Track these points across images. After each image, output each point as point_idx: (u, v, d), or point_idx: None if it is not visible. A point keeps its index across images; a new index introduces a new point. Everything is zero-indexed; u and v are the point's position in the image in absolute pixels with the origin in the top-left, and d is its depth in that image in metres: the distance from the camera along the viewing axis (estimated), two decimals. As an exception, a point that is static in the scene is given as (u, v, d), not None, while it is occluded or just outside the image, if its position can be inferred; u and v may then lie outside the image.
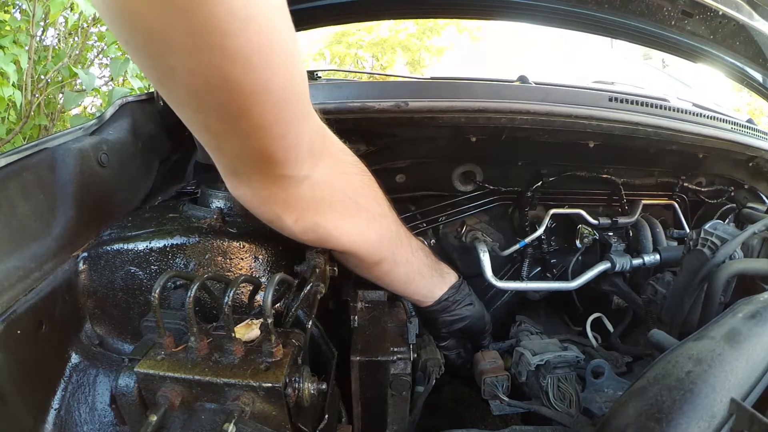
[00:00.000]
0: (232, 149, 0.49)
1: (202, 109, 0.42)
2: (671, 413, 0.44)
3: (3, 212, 0.59)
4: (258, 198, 0.54)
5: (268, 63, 0.38)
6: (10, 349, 0.52)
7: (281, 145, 0.47)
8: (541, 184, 1.04)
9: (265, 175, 0.51)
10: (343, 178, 0.59)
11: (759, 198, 1.26)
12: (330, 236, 0.60)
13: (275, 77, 0.40)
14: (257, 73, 0.38)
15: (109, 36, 2.79)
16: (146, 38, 0.35)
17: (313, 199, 0.56)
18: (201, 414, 0.48)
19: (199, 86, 0.38)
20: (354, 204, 0.60)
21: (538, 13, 1.09)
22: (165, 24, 0.33)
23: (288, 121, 0.45)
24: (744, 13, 0.96)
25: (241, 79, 0.38)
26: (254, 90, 0.39)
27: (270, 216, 0.58)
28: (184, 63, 0.36)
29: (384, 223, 0.65)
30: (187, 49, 0.35)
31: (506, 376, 0.79)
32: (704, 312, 0.76)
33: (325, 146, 0.56)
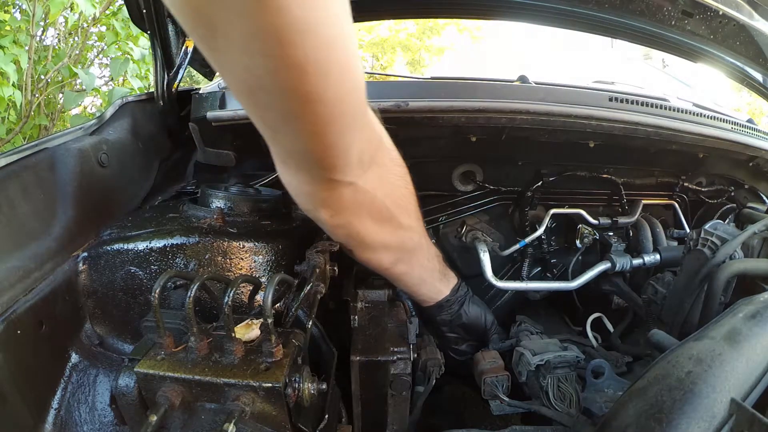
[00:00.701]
0: (284, 143, 0.50)
1: (258, 105, 0.43)
2: (671, 413, 0.44)
3: (3, 212, 0.59)
4: (301, 190, 0.56)
5: (324, 74, 0.38)
6: (10, 349, 0.52)
7: (331, 152, 0.48)
8: (542, 183, 1.04)
9: (312, 174, 0.52)
10: (386, 189, 0.60)
11: (759, 198, 1.26)
12: (357, 235, 0.62)
13: (330, 88, 0.40)
14: (312, 82, 0.38)
15: (109, 36, 2.79)
16: (208, 32, 0.36)
17: (353, 203, 0.57)
18: (201, 414, 0.48)
19: (254, 85, 0.39)
20: (388, 213, 0.62)
21: (538, 13, 1.09)
22: (226, 23, 0.34)
23: (339, 130, 0.45)
24: (744, 13, 0.96)
25: (295, 86, 0.38)
26: (308, 98, 0.39)
27: (308, 207, 0.59)
28: (242, 61, 0.37)
29: (408, 234, 0.68)
30: (246, 51, 0.36)
31: (506, 376, 0.79)
32: (704, 312, 0.76)
33: (377, 155, 0.57)
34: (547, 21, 1.13)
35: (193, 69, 1.04)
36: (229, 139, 0.95)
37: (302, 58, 0.36)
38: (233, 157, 0.96)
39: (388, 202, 0.61)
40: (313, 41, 0.35)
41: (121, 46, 2.81)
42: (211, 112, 0.87)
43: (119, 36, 2.77)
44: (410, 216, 0.67)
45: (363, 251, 0.67)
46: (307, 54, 0.36)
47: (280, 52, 0.35)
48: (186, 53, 0.92)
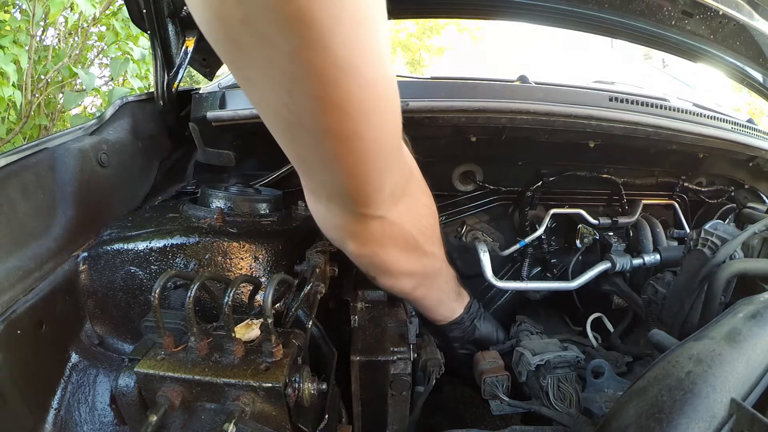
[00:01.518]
0: (318, 178, 0.49)
1: (293, 140, 0.43)
2: (672, 413, 0.44)
3: (3, 212, 0.59)
4: (330, 222, 0.56)
5: (364, 113, 0.38)
6: (10, 349, 0.52)
7: (366, 189, 0.48)
8: (542, 183, 1.04)
9: (344, 208, 0.52)
10: (414, 220, 0.60)
11: (759, 198, 1.25)
12: (382, 264, 0.62)
13: (370, 127, 0.40)
14: (352, 122, 0.38)
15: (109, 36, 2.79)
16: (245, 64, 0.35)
17: (381, 235, 0.57)
18: (201, 414, 0.48)
19: (292, 121, 0.39)
20: (414, 242, 0.62)
21: (538, 13, 1.09)
22: (266, 59, 0.33)
23: (376, 168, 0.45)
24: (744, 13, 0.96)
25: (335, 125, 0.38)
26: (347, 137, 0.39)
27: (335, 237, 0.59)
28: (281, 98, 0.36)
29: (431, 260, 0.69)
30: (286, 88, 0.35)
31: (506, 376, 0.79)
32: (704, 312, 0.76)
33: (408, 188, 0.57)
34: (547, 21, 1.13)
35: (193, 69, 1.04)
36: (229, 139, 0.95)
37: (344, 97, 0.35)
38: (233, 157, 0.96)
39: (414, 231, 0.61)
40: (355, 81, 0.35)
41: (121, 46, 2.81)
42: (211, 112, 0.87)
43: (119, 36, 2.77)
44: (434, 243, 0.68)
45: (386, 278, 0.67)
46: (349, 94, 0.35)
47: (322, 91, 0.34)
48: (186, 53, 0.92)
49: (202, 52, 1.01)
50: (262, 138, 0.95)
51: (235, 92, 0.90)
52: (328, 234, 0.59)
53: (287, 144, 0.44)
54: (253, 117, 0.83)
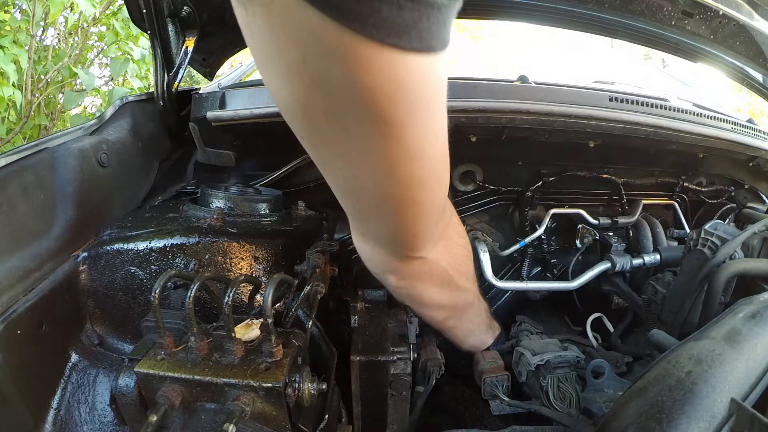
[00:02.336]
0: (370, 226, 0.55)
1: (356, 200, 0.48)
2: (672, 413, 0.44)
3: (3, 212, 0.59)
4: (374, 259, 0.61)
5: (423, 185, 0.43)
6: (10, 349, 0.52)
7: (412, 238, 0.54)
8: (542, 184, 1.04)
9: (389, 250, 0.57)
10: (450, 259, 0.66)
11: (759, 198, 1.25)
12: (418, 296, 0.67)
13: (425, 193, 0.45)
14: (412, 191, 0.43)
15: (109, 36, 2.79)
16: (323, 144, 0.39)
17: (420, 272, 0.63)
18: (201, 414, 0.48)
19: (356, 187, 0.44)
20: (448, 278, 0.67)
21: (538, 13, 1.09)
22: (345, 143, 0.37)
23: (424, 224, 0.51)
24: (744, 13, 0.96)
25: (397, 193, 0.43)
26: (404, 202, 0.44)
27: (377, 272, 0.64)
28: (351, 170, 0.41)
29: (463, 294, 0.73)
30: (358, 166, 0.39)
31: (506, 376, 0.78)
32: (704, 312, 0.76)
33: (446, 232, 0.63)
34: (547, 21, 1.13)
35: (193, 69, 1.04)
36: (229, 139, 0.95)
37: (408, 174, 0.40)
38: (233, 157, 0.96)
39: (449, 269, 0.66)
40: (420, 162, 0.39)
41: (121, 46, 2.81)
42: (211, 112, 0.87)
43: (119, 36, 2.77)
44: (467, 279, 0.73)
45: (420, 308, 0.71)
46: (413, 171, 0.40)
47: (391, 170, 0.39)
48: (186, 53, 0.92)
49: (202, 52, 1.01)
50: (262, 138, 0.96)
51: (235, 92, 0.90)
52: (370, 267, 0.64)
53: (346, 200, 0.49)
54: (253, 117, 0.83)
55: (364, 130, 0.35)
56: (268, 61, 0.35)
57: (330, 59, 0.30)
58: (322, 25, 0.28)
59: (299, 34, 0.30)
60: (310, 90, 0.33)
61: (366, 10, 0.27)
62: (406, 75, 0.32)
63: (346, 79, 0.31)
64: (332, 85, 0.32)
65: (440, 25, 0.30)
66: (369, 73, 0.30)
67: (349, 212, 0.52)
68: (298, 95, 0.35)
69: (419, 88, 0.34)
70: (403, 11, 0.27)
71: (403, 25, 0.28)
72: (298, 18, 0.28)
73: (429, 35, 0.30)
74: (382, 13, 0.27)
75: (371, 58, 0.29)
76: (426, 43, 0.30)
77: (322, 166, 0.43)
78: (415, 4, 0.27)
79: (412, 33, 0.29)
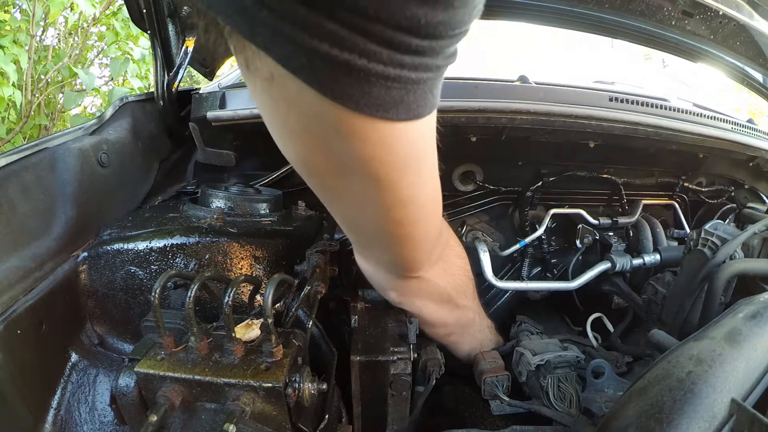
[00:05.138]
0: (371, 251, 0.60)
1: (357, 231, 0.54)
2: (672, 413, 0.44)
3: (3, 212, 0.59)
4: (375, 277, 0.66)
5: (416, 222, 0.48)
6: (10, 349, 0.52)
7: (409, 264, 0.59)
8: (542, 184, 1.04)
9: (389, 271, 0.63)
10: (449, 279, 0.70)
11: (759, 198, 1.25)
12: (418, 312, 0.71)
13: (418, 229, 0.50)
14: (406, 228, 0.48)
15: (109, 36, 2.79)
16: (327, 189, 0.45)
17: (419, 290, 0.67)
18: (201, 414, 0.48)
19: (360, 222, 0.50)
20: (447, 296, 0.71)
21: (538, 13, 1.09)
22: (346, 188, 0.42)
23: (419, 252, 0.57)
24: (744, 13, 0.96)
25: (393, 230, 0.48)
26: (400, 236, 0.50)
27: (378, 287, 0.69)
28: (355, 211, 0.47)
29: (464, 311, 0.77)
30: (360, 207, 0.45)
31: (506, 375, 0.78)
32: (704, 312, 0.75)
33: (444, 253, 0.67)
34: (547, 21, 1.13)
35: (193, 69, 1.04)
36: (229, 139, 0.95)
37: (402, 216, 0.45)
38: (233, 157, 0.96)
39: (448, 288, 0.70)
40: (412, 206, 0.45)
41: (121, 46, 2.81)
42: (211, 112, 0.87)
43: (119, 36, 2.77)
44: (467, 298, 0.76)
45: (422, 325, 0.74)
46: (407, 213, 0.45)
47: (387, 213, 0.45)
48: (186, 53, 0.92)
49: (202, 52, 1.01)
50: (262, 138, 0.96)
51: (235, 92, 0.90)
52: (372, 284, 0.69)
53: (349, 232, 0.55)
54: (253, 117, 0.83)
55: (360, 185, 0.40)
56: (273, 125, 0.39)
57: (328, 130, 0.34)
58: (319, 102, 0.31)
59: (298, 108, 0.33)
60: (312, 152, 0.39)
61: (358, 93, 0.29)
62: (397, 141, 0.36)
63: (343, 147, 0.35)
64: (331, 149, 0.37)
65: (426, 94, 0.33)
66: (364, 142, 0.34)
67: (352, 240, 0.57)
68: (302, 155, 0.40)
69: (408, 150, 0.38)
70: (391, 91, 0.30)
71: (392, 102, 0.31)
72: (297, 95, 0.32)
73: (416, 106, 0.33)
74: (372, 94, 0.30)
75: (365, 131, 0.33)
76: (413, 113, 0.33)
77: (326, 205, 0.48)
78: (402, 84, 0.30)
79: (400, 107, 0.32)
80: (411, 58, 0.29)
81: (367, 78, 0.29)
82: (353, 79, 0.29)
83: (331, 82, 0.29)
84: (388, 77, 0.29)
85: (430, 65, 0.31)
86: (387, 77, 0.29)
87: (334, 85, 0.29)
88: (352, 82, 0.29)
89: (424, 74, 0.31)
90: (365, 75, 0.29)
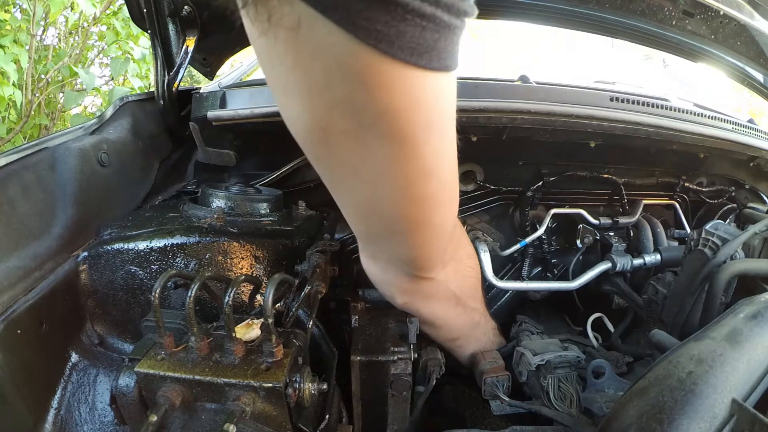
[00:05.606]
0: (382, 247, 0.56)
1: (369, 221, 0.49)
2: (672, 413, 0.44)
3: (3, 212, 0.59)
4: (383, 280, 0.63)
5: (436, 204, 0.45)
6: (10, 349, 0.52)
7: (423, 260, 0.56)
8: (542, 183, 1.03)
9: (400, 270, 0.59)
10: (458, 281, 0.68)
11: (760, 198, 1.25)
12: (425, 316, 0.69)
13: (438, 214, 0.47)
14: (425, 211, 0.45)
15: (109, 35, 2.79)
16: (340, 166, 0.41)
17: (428, 293, 0.65)
18: (201, 414, 0.48)
19: (372, 207, 0.45)
20: (456, 299, 0.69)
21: (539, 13, 1.09)
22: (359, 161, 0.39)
23: (435, 244, 0.53)
24: (745, 13, 0.96)
25: (410, 213, 0.45)
26: (418, 221, 0.46)
27: (385, 291, 0.66)
28: (366, 191, 0.43)
29: (471, 315, 0.75)
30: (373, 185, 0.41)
31: (507, 376, 0.78)
32: (705, 312, 0.75)
33: (455, 253, 0.65)
34: (547, 21, 1.13)
35: (194, 68, 1.04)
36: (229, 139, 0.95)
37: (423, 192, 0.42)
38: (234, 157, 0.96)
39: (458, 290, 0.68)
40: (435, 180, 0.41)
41: (122, 46, 2.81)
42: (212, 112, 0.87)
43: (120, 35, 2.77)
44: (475, 300, 0.75)
45: (427, 327, 0.73)
46: (428, 190, 0.42)
47: (407, 189, 0.41)
48: (186, 53, 0.92)
49: (202, 52, 1.01)
50: (262, 138, 0.96)
51: (236, 92, 0.90)
52: (378, 288, 0.66)
53: (359, 222, 0.50)
54: (254, 117, 0.83)
55: (382, 149, 0.36)
56: (288, 86, 0.35)
57: (354, 81, 0.31)
58: (348, 46, 0.29)
59: (325, 57, 0.31)
60: (332, 112, 0.35)
61: (393, 32, 0.28)
62: (424, 94, 0.34)
63: (369, 99, 0.32)
64: (354, 106, 0.33)
65: (455, 45, 0.32)
66: (391, 93, 0.32)
67: (361, 234, 0.53)
68: (319, 118, 0.36)
69: (435, 107, 0.36)
70: (426, 32, 0.29)
71: (425, 46, 0.30)
72: (325, 41, 0.29)
73: (446, 55, 0.31)
74: (407, 34, 0.28)
75: (394, 78, 0.31)
76: (444, 62, 0.32)
77: (335, 187, 0.45)
78: (436, 26, 0.29)
79: (432, 53, 0.30)
80: None
81: (403, 16, 0.28)
82: (390, 15, 0.27)
83: (365, 20, 0.28)
84: (424, 15, 0.28)
85: (459, 8, 0.30)
86: (423, 15, 0.28)
87: (369, 24, 0.28)
88: (388, 19, 0.27)
89: (455, 19, 0.30)
90: (402, 11, 0.27)
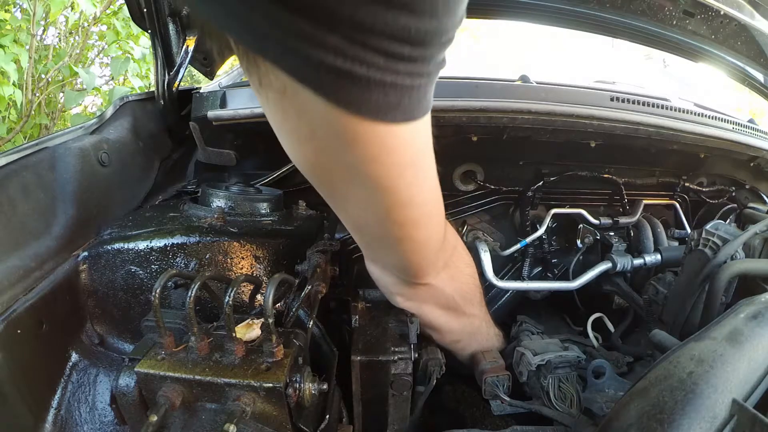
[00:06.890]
0: (378, 254, 0.62)
1: (363, 233, 0.56)
2: (673, 414, 0.44)
3: (3, 211, 0.59)
4: (383, 281, 0.68)
5: (416, 225, 0.50)
6: (10, 348, 0.52)
7: (414, 268, 0.61)
8: (543, 183, 1.03)
9: (396, 275, 0.64)
10: (456, 286, 0.71)
11: (760, 198, 1.25)
12: (425, 317, 0.72)
13: (419, 231, 0.52)
14: (407, 230, 0.50)
15: (109, 35, 2.79)
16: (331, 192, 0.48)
17: (426, 296, 0.69)
18: (202, 414, 0.48)
19: (365, 225, 0.52)
20: (454, 304, 0.72)
21: (539, 13, 1.09)
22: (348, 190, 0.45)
23: (423, 256, 0.58)
24: (745, 13, 0.96)
25: (394, 232, 0.51)
26: (402, 238, 0.52)
27: (385, 291, 0.71)
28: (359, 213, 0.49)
29: (470, 319, 0.78)
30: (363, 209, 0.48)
31: (507, 375, 0.78)
32: (706, 312, 0.75)
33: (451, 260, 0.69)
34: (547, 21, 1.13)
35: (194, 68, 1.04)
36: (229, 139, 0.95)
37: (402, 217, 0.48)
38: (234, 157, 0.96)
39: (455, 295, 0.71)
40: (411, 207, 0.47)
41: (122, 45, 2.81)
42: (212, 111, 0.87)
43: (120, 35, 2.77)
44: (474, 305, 0.77)
45: (428, 330, 0.75)
46: (407, 215, 0.48)
47: (387, 215, 0.47)
48: (187, 52, 0.92)
49: (202, 51, 1.01)
50: (262, 137, 0.96)
51: (236, 91, 0.90)
52: (380, 288, 0.71)
53: (355, 234, 0.57)
54: (254, 116, 0.83)
55: (362, 184, 0.43)
56: (282, 132, 0.42)
57: (332, 135, 0.37)
58: (325, 109, 0.34)
59: (307, 116, 0.37)
60: (318, 155, 0.42)
61: (359, 99, 0.33)
62: (394, 142, 0.39)
63: (346, 149, 0.38)
64: (336, 153, 0.40)
65: (420, 98, 0.36)
66: (364, 144, 0.38)
67: (359, 242, 0.59)
68: (309, 158, 0.43)
69: (407, 150, 0.41)
70: (389, 96, 0.33)
71: (390, 106, 0.34)
72: (307, 104, 0.35)
73: (411, 109, 0.36)
74: (372, 99, 0.33)
75: (366, 133, 0.36)
76: (410, 115, 0.37)
77: (335, 210, 0.51)
78: (398, 90, 0.33)
79: (398, 111, 0.35)
80: (405, 65, 0.32)
81: (368, 85, 0.32)
82: (355, 86, 0.32)
83: (336, 90, 0.32)
84: (386, 83, 0.32)
85: (422, 72, 0.34)
86: (384, 84, 0.32)
87: (339, 92, 0.32)
88: (354, 89, 0.32)
89: (418, 80, 0.34)
90: (365, 82, 0.32)
